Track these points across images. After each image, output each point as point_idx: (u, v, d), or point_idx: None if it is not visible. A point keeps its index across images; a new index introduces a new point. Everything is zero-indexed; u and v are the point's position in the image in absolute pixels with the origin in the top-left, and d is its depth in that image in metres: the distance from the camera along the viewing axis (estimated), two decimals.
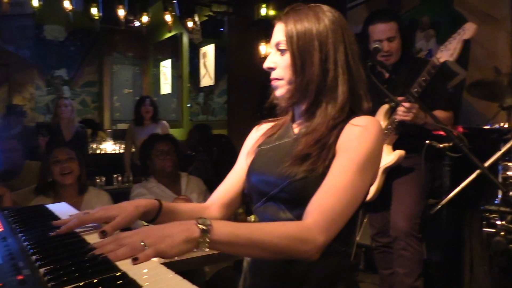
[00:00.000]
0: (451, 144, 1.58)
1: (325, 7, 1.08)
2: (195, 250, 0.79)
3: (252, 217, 1.99)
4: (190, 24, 4.75)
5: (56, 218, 1.11)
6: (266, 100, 1.17)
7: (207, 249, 0.80)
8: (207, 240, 0.78)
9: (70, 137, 4.19)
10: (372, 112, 2.25)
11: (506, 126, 1.71)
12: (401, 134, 2.18)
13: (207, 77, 6.27)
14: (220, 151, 3.58)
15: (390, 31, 2.25)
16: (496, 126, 1.73)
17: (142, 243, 0.74)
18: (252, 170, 1.12)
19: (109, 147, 6.13)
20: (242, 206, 1.71)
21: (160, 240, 0.75)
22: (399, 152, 2.14)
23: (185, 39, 6.54)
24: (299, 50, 1.04)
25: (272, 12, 4.53)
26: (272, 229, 0.87)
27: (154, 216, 1.05)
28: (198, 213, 1.12)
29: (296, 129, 1.12)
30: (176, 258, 1.72)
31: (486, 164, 1.53)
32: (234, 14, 4.93)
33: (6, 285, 0.62)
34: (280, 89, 1.08)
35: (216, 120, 7.49)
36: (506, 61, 2.86)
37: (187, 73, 6.68)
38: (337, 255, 1.01)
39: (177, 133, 5.97)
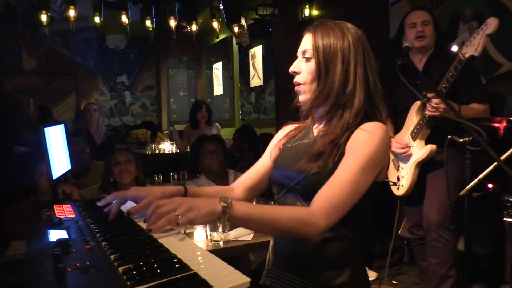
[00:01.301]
0: (471, 138, 1.65)
1: (350, 25, 1.24)
2: (219, 224, 0.99)
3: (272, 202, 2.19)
4: (236, 29, 4.97)
5: None
6: None
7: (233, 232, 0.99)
8: (227, 215, 0.97)
9: (100, 141, 4.40)
10: (406, 109, 2.36)
11: None
12: (434, 130, 2.25)
13: (256, 78, 6.49)
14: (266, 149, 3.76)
15: (424, 16, 2.37)
16: None
17: (176, 213, 0.93)
18: (275, 165, 1.30)
19: (167, 147, 6.51)
20: (262, 201, 1.90)
21: (189, 210, 0.95)
22: (430, 146, 2.21)
23: (235, 42, 6.80)
24: (324, 59, 1.20)
25: (315, 12, 4.63)
26: (281, 211, 1.05)
27: None
28: (221, 194, 1.32)
29: (315, 131, 1.28)
30: (221, 245, 1.94)
31: (503, 157, 1.58)
32: (279, 15, 5.07)
33: (79, 252, 0.85)
34: (303, 95, 1.25)
35: (268, 118, 7.70)
36: None
37: (237, 74, 6.93)
38: (345, 241, 1.17)
39: (230, 132, 6.22)
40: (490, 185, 2.62)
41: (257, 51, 6.37)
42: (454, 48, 3.36)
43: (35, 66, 6.32)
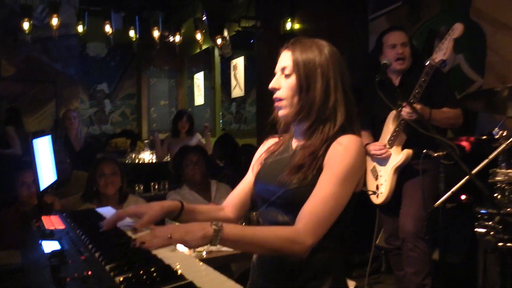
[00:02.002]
0: (445, 153, 1.75)
1: (324, 42, 1.30)
2: (210, 245, 1.04)
3: (254, 213, 2.28)
4: (219, 40, 5.03)
5: (103, 218, 1.38)
6: None
7: (219, 245, 1.04)
8: (219, 238, 1.02)
9: (79, 147, 4.42)
10: (383, 121, 2.46)
11: (504, 133, 1.85)
12: (410, 136, 2.34)
13: (237, 88, 6.55)
14: (248, 160, 3.80)
15: (403, 38, 2.50)
16: (494, 133, 1.87)
17: (170, 236, 0.98)
18: (257, 179, 1.35)
19: (147, 156, 6.48)
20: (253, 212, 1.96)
21: (184, 234, 1.01)
22: (407, 151, 2.30)
23: (217, 52, 6.86)
24: (305, 75, 1.25)
25: (297, 26, 4.74)
26: (270, 232, 1.12)
27: (177, 214, 1.29)
28: (214, 212, 1.38)
29: (294, 145, 1.34)
30: (204, 255, 1.97)
31: (474, 171, 1.68)
32: (262, 28, 5.16)
33: (74, 263, 0.88)
34: (282, 110, 1.28)
35: (248, 129, 7.75)
36: None
37: (219, 84, 6.97)
38: (328, 251, 1.22)
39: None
40: (463, 197, 2.73)
41: (238, 62, 6.44)
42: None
43: (14, 72, 6.22)
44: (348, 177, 1.18)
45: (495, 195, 1.81)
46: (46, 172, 1.89)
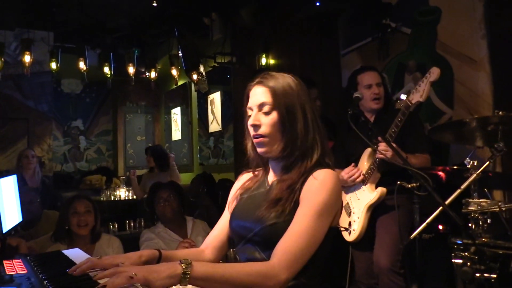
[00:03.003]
0: (418, 184, 1.76)
1: (287, 75, 1.31)
2: (180, 285, 0.99)
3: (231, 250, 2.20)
4: (195, 76, 5.07)
5: (71, 262, 1.31)
6: None
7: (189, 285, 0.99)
8: (188, 276, 0.98)
9: (35, 187, 4.21)
10: (357, 158, 2.47)
11: (475, 163, 1.88)
12: (384, 174, 2.36)
13: (215, 123, 6.56)
14: (225, 195, 3.77)
15: (377, 78, 2.56)
16: (466, 163, 1.90)
17: (132, 275, 0.93)
18: (233, 216, 1.32)
19: (123, 193, 6.35)
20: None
21: (148, 274, 0.95)
22: (381, 189, 2.31)
23: (194, 88, 6.89)
24: (286, 111, 1.24)
25: (272, 61, 4.83)
26: (241, 268, 1.08)
27: (156, 262, 1.24)
28: (193, 257, 1.31)
29: (271, 180, 1.32)
30: None
31: (447, 201, 1.69)
32: (237, 64, 5.24)
33: None
34: (266, 147, 1.26)
35: (226, 163, 7.72)
36: (487, 100, 3.05)
37: (196, 119, 6.97)
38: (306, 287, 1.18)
39: (189, 177, 6.16)
40: (440, 227, 2.74)
41: (215, 97, 6.48)
42: (403, 96, 3.59)
43: None
44: (324, 211, 1.16)
45: (469, 225, 1.82)
46: (10, 213, 1.81)
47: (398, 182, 1.82)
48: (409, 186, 1.79)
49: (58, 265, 1.26)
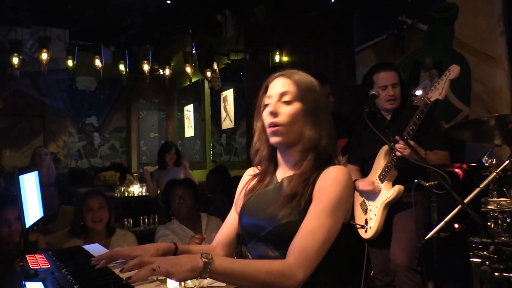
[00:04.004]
0: (436, 182, 1.75)
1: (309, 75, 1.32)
2: (200, 278, 1.00)
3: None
4: (209, 73, 5.09)
5: (91, 256, 1.33)
6: None
7: (208, 278, 1.00)
8: (208, 270, 0.98)
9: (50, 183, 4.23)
10: (373, 156, 2.46)
11: (494, 162, 1.86)
12: (402, 172, 2.34)
13: (227, 120, 6.57)
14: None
15: (394, 78, 2.51)
16: (484, 161, 1.88)
17: (155, 267, 0.95)
18: (242, 214, 1.32)
19: (136, 190, 6.41)
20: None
21: (171, 266, 0.97)
22: (398, 187, 2.29)
23: (207, 85, 6.92)
24: (313, 103, 1.25)
25: (285, 58, 4.82)
26: (260, 266, 1.08)
27: (172, 255, 1.25)
28: (207, 251, 1.33)
29: (280, 177, 1.32)
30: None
31: (466, 200, 1.67)
32: (250, 61, 5.24)
33: None
34: (280, 136, 1.25)
35: (239, 160, 7.73)
36: (505, 97, 3.00)
37: (209, 117, 6.99)
38: (320, 285, 1.18)
39: (201, 174, 6.20)
40: (456, 225, 2.72)
41: (228, 94, 6.49)
42: (418, 92, 3.55)
43: (2, 106, 6.18)
44: (337, 208, 1.16)
45: (489, 224, 1.80)
46: (32, 209, 1.84)
47: (416, 181, 1.80)
48: (427, 184, 1.78)
49: (80, 260, 1.28)
